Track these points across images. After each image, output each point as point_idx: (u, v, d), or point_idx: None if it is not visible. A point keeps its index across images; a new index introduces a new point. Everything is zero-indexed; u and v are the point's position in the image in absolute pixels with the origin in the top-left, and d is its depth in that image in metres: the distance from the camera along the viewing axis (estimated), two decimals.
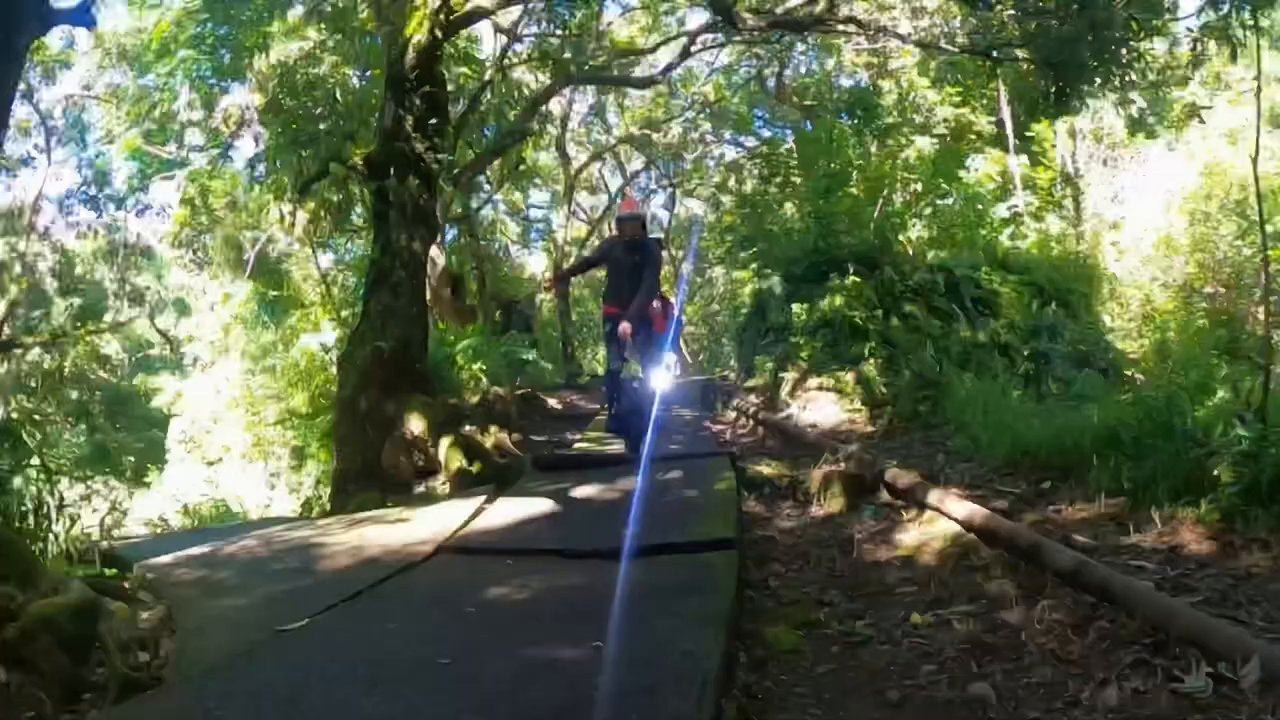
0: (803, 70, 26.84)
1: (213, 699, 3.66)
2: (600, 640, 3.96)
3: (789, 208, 18.78)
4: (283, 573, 6.37)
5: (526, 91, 20.18)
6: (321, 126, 15.00)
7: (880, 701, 3.58)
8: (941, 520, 6.12)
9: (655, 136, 29.83)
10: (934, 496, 6.36)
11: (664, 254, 11.84)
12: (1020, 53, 12.79)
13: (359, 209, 17.51)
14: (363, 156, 12.49)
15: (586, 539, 6.12)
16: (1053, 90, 12.63)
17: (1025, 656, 3.81)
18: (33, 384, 26.28)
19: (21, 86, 21.89)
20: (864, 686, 3.78)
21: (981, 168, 17.85)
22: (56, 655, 4.31)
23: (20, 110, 23.95)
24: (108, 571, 7.15)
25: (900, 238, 15.23)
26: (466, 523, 7.38)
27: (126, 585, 6.10)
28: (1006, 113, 19.26)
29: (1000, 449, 7.58)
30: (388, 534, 7.24)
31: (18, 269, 24.44)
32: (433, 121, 12.03)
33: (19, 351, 24.01)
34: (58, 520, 7.70)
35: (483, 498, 8.35)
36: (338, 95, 16.15)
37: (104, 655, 4.50)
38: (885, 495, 7.25)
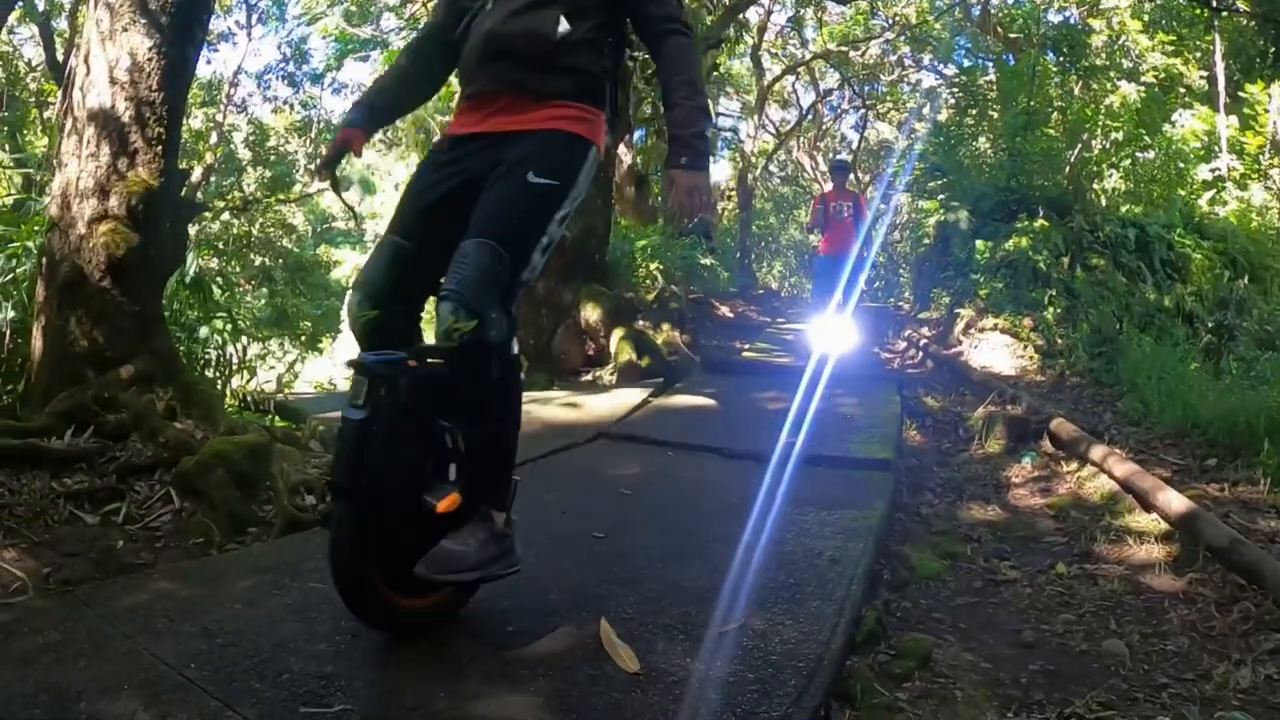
0: (1010, 0, 25.75)
1: None
2: (751, 536, 4.04)
3: (983, 141, 18.20)
4: None
5: (725, 0, 19.86)
6: None
7: (1014, 640, 3.56)
8: (1100, 477, 5.97)
9: (852, 55, 29.09)
10: (1097, 452, 6.21)
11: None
12: (1241, 3, 12.07)
13: None
14: None
15: (746, 441, 6.16)
16: (1272, 50, 11.90)
17: (1164, 624, 3.71)
18: (221, 246, 27.53)
19: None
20: (1001, 624, 3.75)
21: (1187, 124, 16.93)
22: (228, 489, 4.61)
23: None
24: (280, 421, 7.56)
25: (1095, 186, 14.66)
26: (631, 412, 7.58)
27: (299, 434, 6.40)
28: (1220, 69, 18.10)
29: (1170, 418, 7.32)
30: (553, 414, 7.45)
31: (214, 138, 25.45)
32: None
33: (210, 214, 25.09)
34: (239, 371, 8.19)
35: (649, 391, 8.53)
36: None
37: (273, 494, 4.79)
38: (1047, 444, 7.10)
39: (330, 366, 26.30)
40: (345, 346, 27.86)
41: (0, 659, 2.64)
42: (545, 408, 7.75)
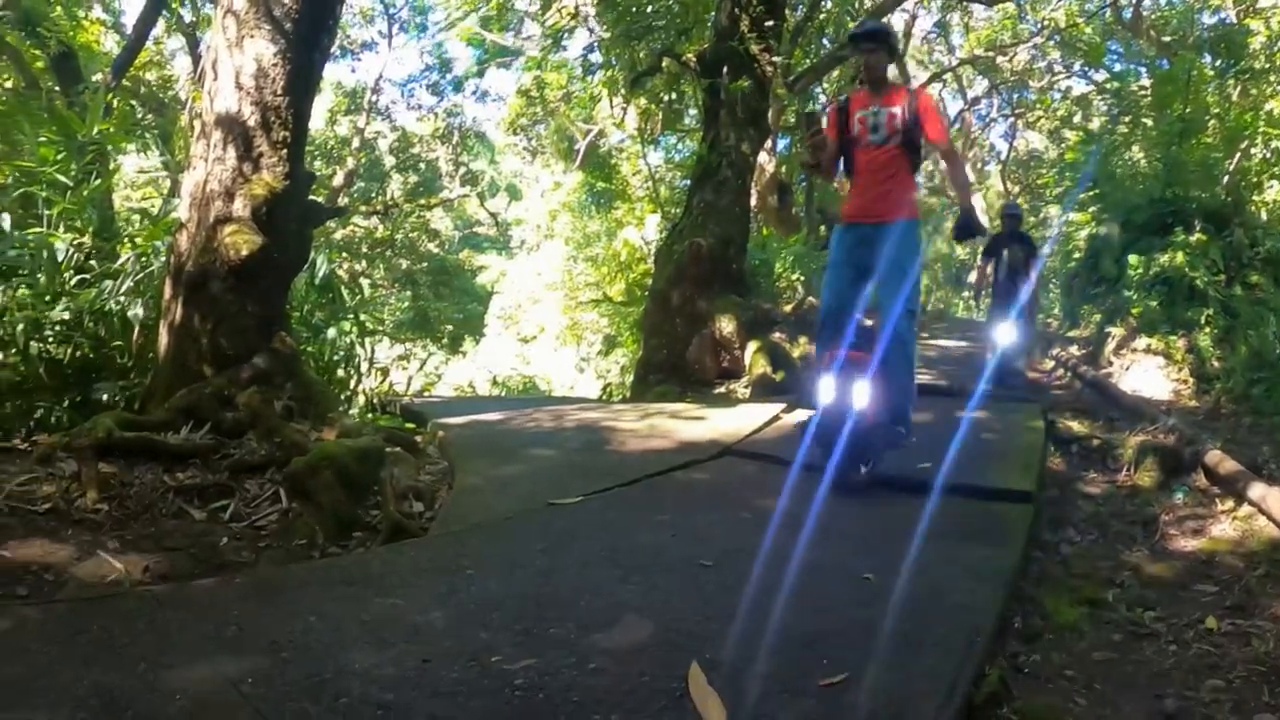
0: (1163, 2, 24.52)
1: (469, 556, 3.77)
2: (871, 573, 3.79)
3: (1136, 151, 17.44)
4: (566, 449, 6.55)
5: (868, 2, 19.45)
6: (658, 23, 15.00)
7: (1154, 708, 3.20)
8: (1259, 519, 5.50)
9: (1000, 61, 28.24)
10: (1256, 491, 5.71)
11: None
12: None
13: (693, 110, 17.55)
14: (696, 53, 12.46)
15: (873, 464, 5.84)
16: None
17: None
18: (364, 249, 28.41)
19: None
20: (1140, 686, 3.39)
21: None
22: (336, 492, 4.58)
23: None
24: (407, 425, 7.59)
25: (1255, 198, 13.89)
26: (759, 429, 7.30)
27: (418, 439, 6.38)
28: None
29: None
30: (678, 428, 7.28)
31: (356, 144, 26.22)
32: (769, 23, 11.87)
33: (344, 219, 25.88)
34: (368, 373, 8.29)
35: (780, 406, 8.22)
36: None
37: (381, 500, 4.74)
38: (1201, 479, 6.60)
39: (472, 369, 26.83)
40: (487, 351, 28.36)
41: (64, 656, 2.62)
42: (671, 421, 7.61)
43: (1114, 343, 11.92)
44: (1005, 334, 10.68)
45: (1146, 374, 10.93)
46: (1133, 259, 12.53)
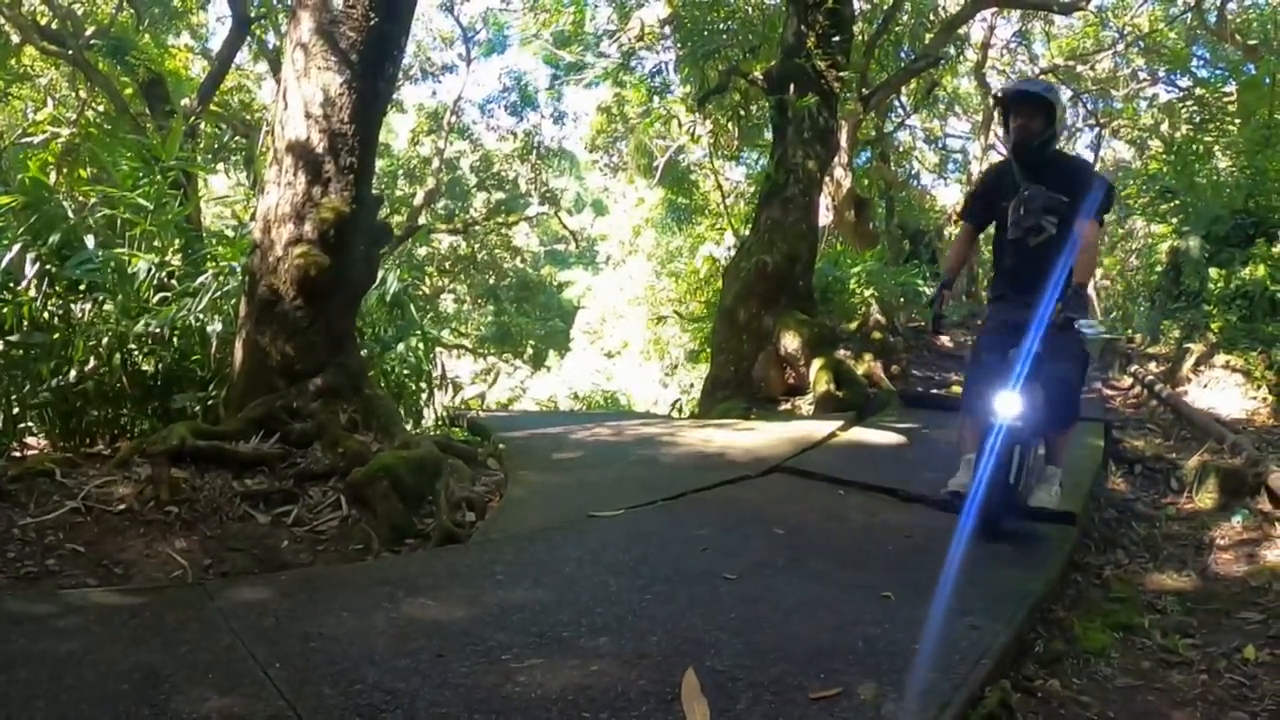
0: (1247, 2, 23.75)
1: (502, 562, 3.98)
2: (893, 591, 3.86)
3: (1222, 160, 17.02)
4: (619, 462, 6.72)
5: (943, 13, 19.31)
6: (727, 42, 15.10)
7: None
8: None
9: (1082, 69, 27.71)
10: None
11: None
12: None
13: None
14: (763, 71, 12.54)
15: (923, 483, 5.92)
16: None
17: None
18: (446, 265, 29.09)
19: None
20: (1157, 716, 3.38)
21: None
22: (392, 500, 4.87)
23: (445, 22, 26.98)
24: (475, 438, 7.85)
25: None
26: (813, 445, 7.40)
27: (478, 452, 6.62)
28: None
29: None
30: (733, 443, 7.40)
31: (436, 164, 26.86)
32: (835, 39, 11.82)
33: (431, 235, 26.52)
34: (440, 386, 8.56)
35: (839, 423, 8.33)
36: (744, 8, 16.17)
37: (435, 508, 4.98)
38: (1264, 501, 6.45)
39: (555, 384, 27.14)
40: (572, 366, 28.67)
41: (115, 637, 2.94)
42: (727, 437, 7.75)
43: (1192, 359, 11.69)
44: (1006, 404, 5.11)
45: (1224, 391, 10.71)
46: (1213, 272, 12.26)
